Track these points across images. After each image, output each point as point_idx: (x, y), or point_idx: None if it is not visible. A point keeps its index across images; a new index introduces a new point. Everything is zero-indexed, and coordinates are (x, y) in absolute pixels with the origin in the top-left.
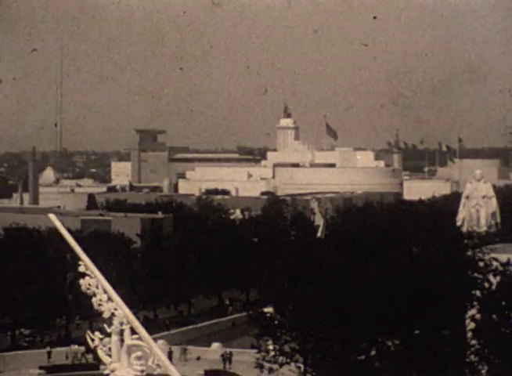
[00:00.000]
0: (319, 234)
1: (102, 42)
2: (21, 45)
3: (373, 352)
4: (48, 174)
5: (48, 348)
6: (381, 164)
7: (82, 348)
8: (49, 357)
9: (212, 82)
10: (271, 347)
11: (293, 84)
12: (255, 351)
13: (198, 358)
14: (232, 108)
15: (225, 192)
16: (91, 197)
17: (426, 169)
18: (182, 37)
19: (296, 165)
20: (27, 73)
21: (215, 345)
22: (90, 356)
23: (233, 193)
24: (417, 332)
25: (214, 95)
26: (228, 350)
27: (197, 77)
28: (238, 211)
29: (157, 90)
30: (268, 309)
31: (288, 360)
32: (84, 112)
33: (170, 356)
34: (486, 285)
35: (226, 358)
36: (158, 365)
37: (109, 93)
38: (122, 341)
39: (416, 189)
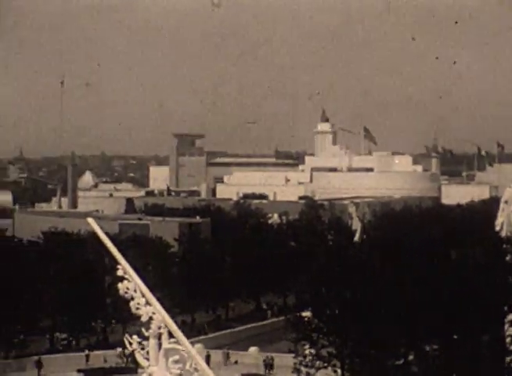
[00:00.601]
0: (356, 238)
1: (137, 47)
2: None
3: (411, 357)
4: (87, 178)
5: (86, 352)
6: (419, 168)
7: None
8: (87, 360)
9: (250, 86)
10: (308, 351)
11: (331, 87)
12: (292, 355)
13: (236, 362)
14: (271, 112)
15: (263, 196)
16: (129, 201)
17: (464, 174)
18: (219, 41)
19: (333, 170)
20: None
21: (253, 350)
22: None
23: (271, 197)
24: (456, 337)
25: (252, 99)
26: (269, 355)
27: (236, 80)
28: (276, 216)
29: (196, 94)
30: (306, 314)
31: (325, 365)
32: (122, 117)
33: (208, 360)
34: None
35: (268, 363)
36: (196, 369)
37: (148, 98)
38: (160, 344)
39: (455, 194)
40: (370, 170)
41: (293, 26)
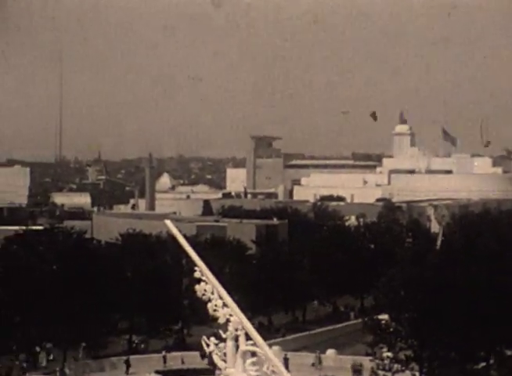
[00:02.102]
0: (437, 245)
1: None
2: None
3: (491, 361)
4: (165, 180)
5: (163, 353)
6: (499, 170)
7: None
8: (165, 362)
9: (326, 88)
10: (386, 354)
11: (409, 89)
12: (370, 358)
13: (313, 364)
14: (347, 114)
15: (340, 198)
16: (206, 203)
17: None
18: (290, 45)
19: (412, 172)
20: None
21: (330, 352)
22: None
23: (348, 199)
24: None
25: (329, 101)
26: (358, 361)
27: (311, 83)
28: (353, 218)
29: (271, 96)
30: (384, 317)
31: (403, 368)
32: (199, 119)
33: (286, 362)
34: None
35: (357, 370)
36: (273, 371)
37: (224, 100)
38: (237, 346)
39: None
40: (449, 172)
41: (374, 29)
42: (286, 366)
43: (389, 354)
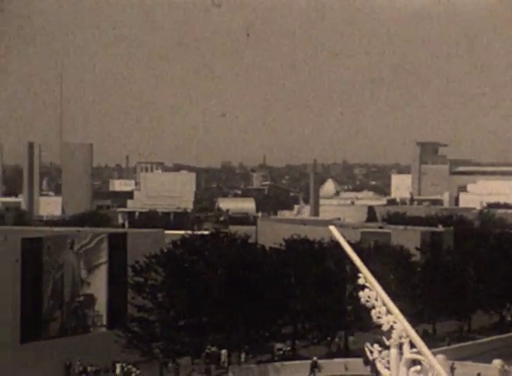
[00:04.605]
0: None
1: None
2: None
3: None
4: (329, 186)
5: (314, 358)
6: None
7: None
8: (315, 367)
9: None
10: None
11: None
12: None
13: (478, 374)
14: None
15: (508, 206)
16: (371, 209)
17: None
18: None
19: None
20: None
21: (496, 362)
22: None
23: None
24: None
25: (499, 107)
26: None
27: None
28: None
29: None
30: None
31: None
32: (363, 125)
33: (452, 371)
34: None
35: None
36: None
37: (388, 104)
38: (401, 354)
39: None
40: None
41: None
42: None
43: None
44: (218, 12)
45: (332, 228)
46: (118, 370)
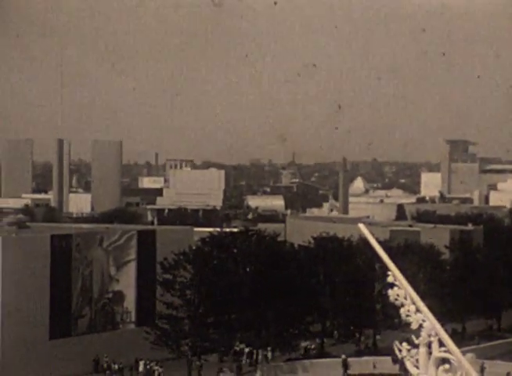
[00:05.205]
0: None
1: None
2: None
3: None
4: (358, 184)
5: (343, 357)
6: None
7: None
8: (346, 366)
9: None
10: None
11: None
12: None
13: (508, 374)
14: None
15: None
16: (400, 207)
17: None
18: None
19: None
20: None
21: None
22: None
23: None
24: None
25: None
26: None
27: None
28: None
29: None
30: None
31: None
32: (392, 122)
33: (482, 371)
34: None
35: None
36: None
37: (419, 101)
38: (430, 353)
39: None
40: None
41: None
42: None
43: None
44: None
45: (361, 226)
46: (141, 368)
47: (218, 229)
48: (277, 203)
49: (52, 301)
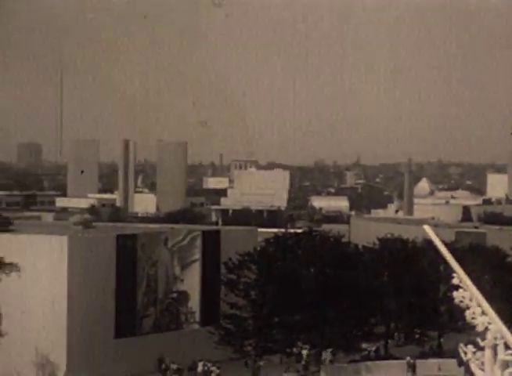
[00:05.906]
0: None
1: None
2: None
3: None
4: (424, 185)
5: (407, 359)
6: None
7: None
8: (411, 368)
9: None
10: None
11: None
12: None
13: None
14: None
15: None
16: (466, 209)
17: None
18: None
19: None
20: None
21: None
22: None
23: None
24: None
25: None
26: None
27: None
28: None
29: None
30: None
31: None
32: (456, 123)
33: None
34: None
35: None
36: None
37: (483, 100)
38: (496, 355)
39: None
40: None
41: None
42: None
43: None
44: None
45: (426, 227)
46: (200, 369)
47: (283, 230)
48: (341, 204)
49: (118, 300)
